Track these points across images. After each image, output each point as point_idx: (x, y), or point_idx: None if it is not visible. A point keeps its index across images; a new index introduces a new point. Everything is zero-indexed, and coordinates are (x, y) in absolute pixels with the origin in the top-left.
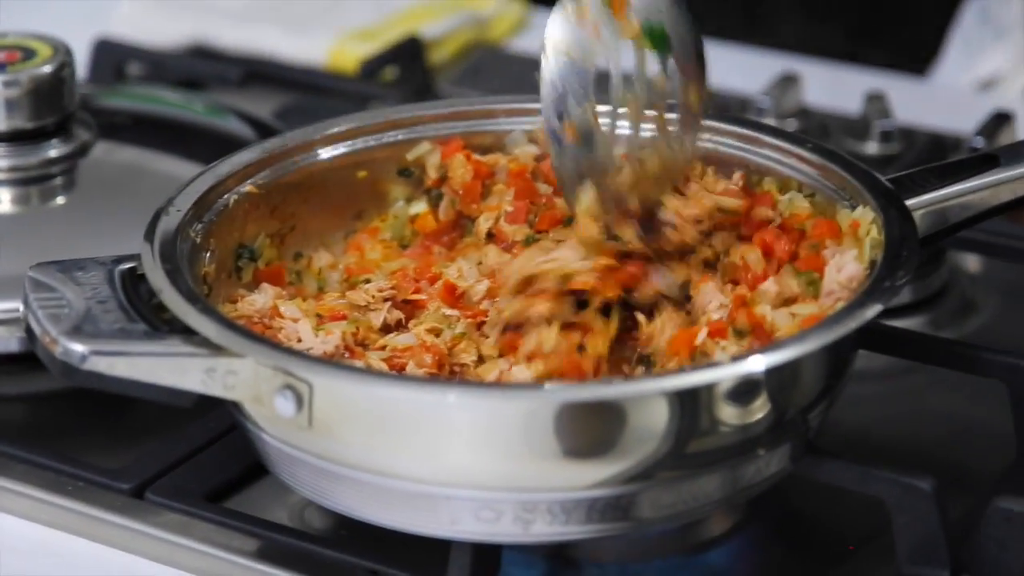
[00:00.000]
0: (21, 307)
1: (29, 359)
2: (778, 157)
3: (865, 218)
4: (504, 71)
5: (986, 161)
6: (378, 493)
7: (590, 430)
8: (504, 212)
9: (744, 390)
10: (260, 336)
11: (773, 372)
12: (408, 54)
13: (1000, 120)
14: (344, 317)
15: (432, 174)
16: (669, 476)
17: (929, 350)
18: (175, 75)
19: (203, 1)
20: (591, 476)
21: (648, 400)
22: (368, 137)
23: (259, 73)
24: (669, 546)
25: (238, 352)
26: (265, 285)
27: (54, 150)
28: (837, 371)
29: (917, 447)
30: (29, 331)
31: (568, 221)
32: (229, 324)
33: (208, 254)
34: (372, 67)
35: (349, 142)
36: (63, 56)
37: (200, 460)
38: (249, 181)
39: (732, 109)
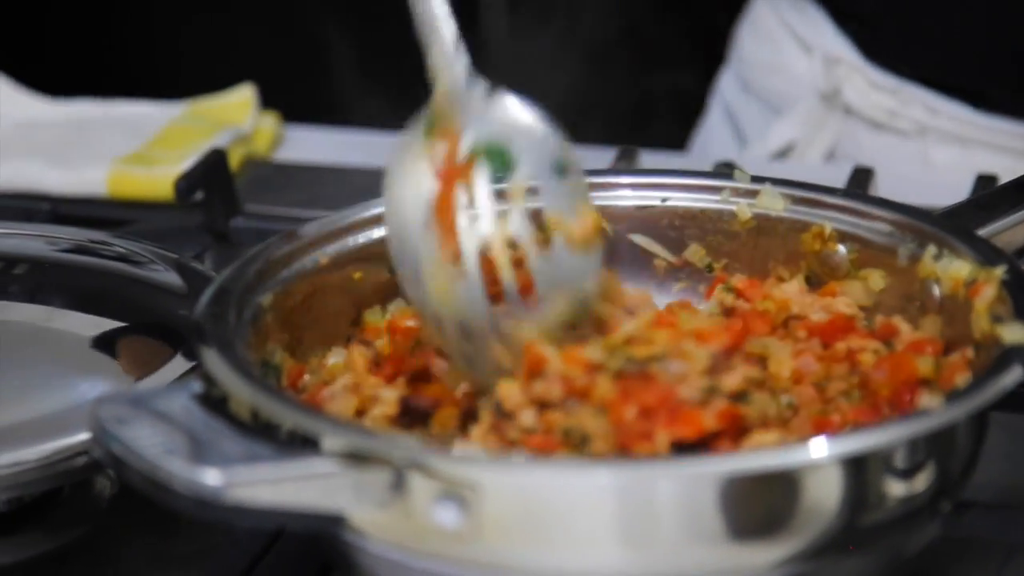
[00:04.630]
0: (99, 447)
1: None
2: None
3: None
4: (292, 182)
5: (1020, 189)
6: None
7: None
8: None
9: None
10: (415, 441)
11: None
12: (215, 170)
13: (862, 175)
14: None
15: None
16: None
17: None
18: None
19: None
20: None
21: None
22: (355, 235)
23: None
24: None
25: (398, 461)
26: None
27: None
28: (984, 429)
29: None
30: (128, 471)
31: None
32: (371, 432)
33: None
34: (186, 186)
35: (338, 242)
36: None
37: None
38: (260, 291)
39: None
